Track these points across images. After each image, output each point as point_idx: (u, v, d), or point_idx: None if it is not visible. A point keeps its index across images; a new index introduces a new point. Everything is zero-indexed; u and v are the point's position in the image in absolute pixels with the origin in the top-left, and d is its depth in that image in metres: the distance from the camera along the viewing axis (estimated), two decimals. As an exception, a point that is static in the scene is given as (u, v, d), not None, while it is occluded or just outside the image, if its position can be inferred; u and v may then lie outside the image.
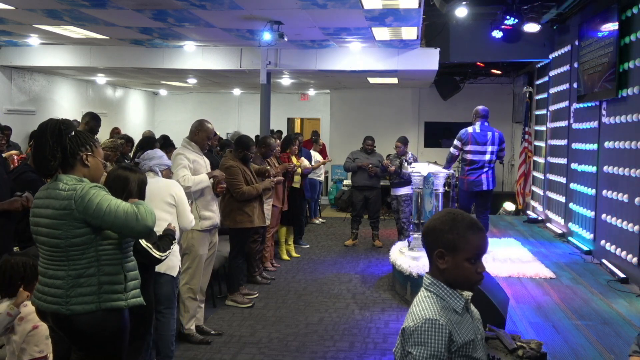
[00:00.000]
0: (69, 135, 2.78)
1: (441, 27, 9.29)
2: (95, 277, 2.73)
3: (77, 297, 2.71)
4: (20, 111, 11.13)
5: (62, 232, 2.70)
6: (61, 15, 7.39)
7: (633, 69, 5.93)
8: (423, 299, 1.88)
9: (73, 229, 2.69)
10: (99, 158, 2.90)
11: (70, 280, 2.71)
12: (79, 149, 2.80)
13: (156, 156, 4.33)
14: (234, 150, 6.10)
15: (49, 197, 2.75)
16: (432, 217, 1.94)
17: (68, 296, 2.71)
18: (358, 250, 8.97)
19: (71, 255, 2.71)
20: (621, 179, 6.14)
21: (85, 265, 2.72)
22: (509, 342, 3.63)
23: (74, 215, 2.68)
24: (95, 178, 2.88)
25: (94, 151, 2.86)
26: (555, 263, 6.60)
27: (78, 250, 2.71)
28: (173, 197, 4.11)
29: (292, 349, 4.88)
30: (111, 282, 2.77)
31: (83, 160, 2.81)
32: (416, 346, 1.77)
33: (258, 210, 6.07)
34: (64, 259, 2.72)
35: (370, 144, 9.23)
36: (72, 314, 2.71)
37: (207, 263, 5.13)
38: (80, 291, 2.71)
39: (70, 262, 2.72)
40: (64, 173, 2.79)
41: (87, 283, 2.72)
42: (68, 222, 2.69)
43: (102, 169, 2.96)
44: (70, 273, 2.71)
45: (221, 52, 10.11)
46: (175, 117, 16.54)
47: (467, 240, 1.84)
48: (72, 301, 2.70)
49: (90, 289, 2.72)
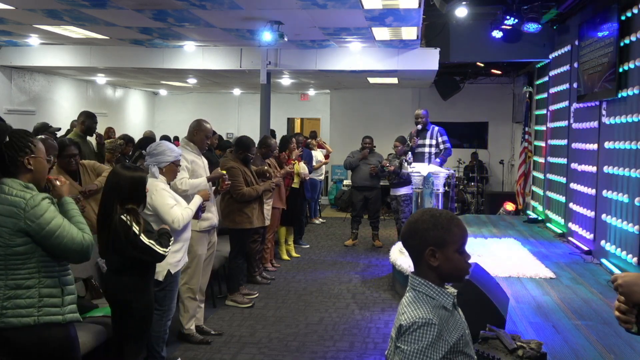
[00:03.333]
0: (3, 142, 2.58)
1: (441, 27, 9.29)
2: (36, 289, 2.57)
3: (14, 309, 2.54)
4: (20, 111, 11.13)
5: (2, 239, 2.54)
6: (61, 15, 7.39)
7: (633, 69, 5.93)
8: (414, 299, 1.91)
9: (15, 237, 2.53)
10: (42, 156, 2.70)
11: (7, 291, 2.54)
12: (18, 154, 2.61)
13: (155, 152, 4.17)
14: (235, 151, 6.10)
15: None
16: (409, 221, 1.98)
17: (4, 307, 2.53)
18: (358, 250, 8.97)
19: (10, 264, 2.55)
20: (621, 179, 6.14)
21: (25, 276, 2.56)
22: (509, 342, 3.63)
23: (19, 225, 2.53)
24: (41, 179, 2.72)
25: (34, 151, 2.65)
26: (555, 263, 6.60)
27: (19, 260, 2.55)
28: (148, 208, 3.97)
29: (292, 349, 4.88)
30: (51, 295, 2.61)
31: (25, 165, 2.62)
32: (407, 342, 1.82)
33: (257, 211, 6.07)
34: (2, 267, 2.55)
35: (369, 143, 9.23)
36: (8, 327, 2.54)
37: (206, 263, 5.12)
38: (17, 303, 2.55)
39: (9, 271, 2.55)
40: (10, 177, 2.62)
41: (26, 295, 2.55)
42: (10, 230, 2.53)
43: (46, 167, 2.77)
44: (7, 283, 2.55)
45: (221, 52, 10.11)
46: (175, 117, 16.55)
47: (452, 232, 1.90)
48: (8, 313, 2.54)
49: (29, 301, 2.56)
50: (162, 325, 4.21)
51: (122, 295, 3.52)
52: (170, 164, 4.19)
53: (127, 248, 3.33)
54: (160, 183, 4.12)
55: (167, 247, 3.49)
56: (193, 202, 4.39)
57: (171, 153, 4.19)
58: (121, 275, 3.51)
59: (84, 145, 6.39)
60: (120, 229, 3.30)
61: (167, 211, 4.07)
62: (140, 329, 3.56)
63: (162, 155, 4.16)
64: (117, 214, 3.33)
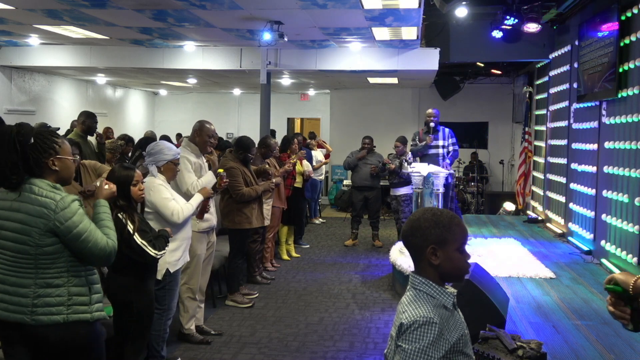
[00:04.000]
0: (28, 145, 2.59)
1: (441, 27, 9.29)
2: (65, 287, 2.61)
3: (44, 307, 2.58)
4: (20, 111, 11.13)
5: (32, 238, 2.56)
6: (61, 15, 7.39)
7: (633, 69, 5.93)
8: (415, 298, 1.92)
9: (45, 237, 2.57)
10: (67, 155, 2.72)
11: (38, 289, 2.58)
12: (42, 156, 2.63)
13: (153, 152, 4.18)
14: (234, 151, 6.10)
15: (19, 200, 2.60)
16: (410, 220, 1.99)
17: (35, 305, 2.57)
18: (358, 250, 8.97)
19: (40, 263, 2.58)
20: (621, 179, 6.14)
21: (54, 275, 2.60)
22: (509, 342, 3.63)
23: (48, 226, 2.56)
24: (67, 178, 2.75)
25: (59, 152, 2.67)
26: (555, 263, 6.60)
27: (49, 260, 2.59)
28: (147, 205, 4.03)
29: (292, 349, 4.88)
30: (79, 294, 2.65)
31: (49, 166, 2.65)
32: (408, 341, 1.83)
33: (257, 211, 6.07)
34: (32, 266, 2.58)
35: (368, 143, 9.23)
36: (38, 324, 2.58)
37: (205, 263, 5.12)
38: (47, 301, 2.58)
39: (39, 270, 2.59)
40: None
41: (56, 293, 2.60)
42: (40, 230, 2.56)
43: (72, 167, 2.78)
44: (37, 282, 2.58)
45: (221, 52, 10.11)
46: (175, 117, 16.55)
47: (453, 231, 1.91)
48: (38, 311, 2.57)
49: (59, 300, 2.60)
50: (162, 324, 4.21)
51: (122, 295, 3.53)
52: (168, 162, 4.19)
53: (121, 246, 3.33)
54: (157, 180, 4.14)
55: (162, 250, 3.48)
56: (194, 199, 4.41)
57: (169, 152, 4.19)
58: (122, 275, 3.51)
59: (84, 145, 6.40)
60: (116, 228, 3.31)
61: (165, 205, 4.09)
62: (140, 328, 3.56)
63: (160, 154, 4.17)
64: (114, 213, 3.34)
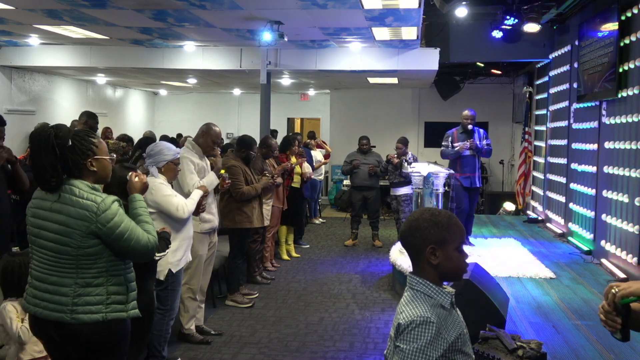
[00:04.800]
0: (66, 147, 2.62)
1: (441, 27, 9.29)
2: (104, 287, 2.66)
3: (84, 306, 2.62)
4: (20, 111, 11.13)
5: (74, 240, 2.59)
6: (61, 15, 7.39)
7: (633, 69, 5.93)
8: (412, 298, 1.93)
9: (87, 239, 2.60)
10: (104, 155, 2.75)
11: (78, 289, 2.62)
12: (81, 157, 2.66)
13: (153, 153, 4.17)
14: (236, 149, 6.10)
15: (60, 202, 2.62)
16: (409, 220, 1.99)
17: (75, 304, 2.61)
18: (358, 250, 8.97)
19: (81, 264, 2.62)
20: (621, 179, 6.14)
21: (95, 275, 2.64)
22: (509, 342, 3.63)
23: (90, 228, 2.59)
24: (105, 177, 2.79)
25: (97, 153, 2.71)
26: (555, 263, 6.60)
27: (90, 260, 2.63)
28: (150, 205, 3.97)
29: (292, 349, 4.88)
30: (117, 293, 2.70)
31: (87, 167, 2.68)
32: (406, 341, 1.84)
33: (257, 210, 6.07)
34: (73, 267, 2.62)
35: (365, 144, 9.24)
36: (78, 323, 2.61)
37: (207, 264, 5.12)
38: (87, 300, 2.62)
39: (80, 270, 2.62)
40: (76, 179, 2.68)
41: (96, 292, 2.64)
42: (82, 232, 2.59)
43: (109, 167, 2.81)
44: (78, 281, 2.62)
45: (221, 52, 10.11)
46: (175, 117, 16.54)
47: (452, 231, 1.93)
48: (78, 310, 2.61)
49: (98, 299, 2.64)
50: (165, 324, 4.22)
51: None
52: (168, 163, 4.18)
53: None
54: (157, 180, 4.14)
55: (161, 252, 3.46)
56: (194, 194, 4.42)
57: (169, 152, 4.18)
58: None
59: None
60: None
61: (168, 201, 4.11)
62: (140, 328, 3.56)
63: (160, 154, 4.17)
64: None
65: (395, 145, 8.81)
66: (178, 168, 4.33)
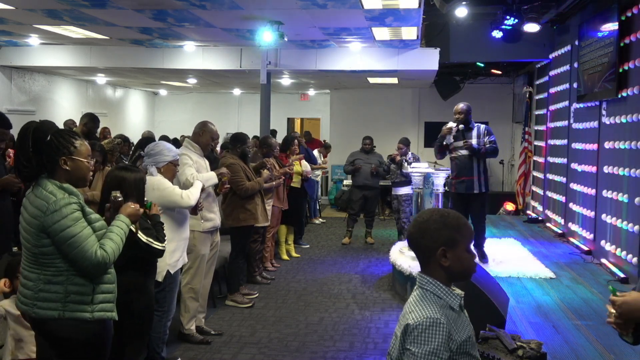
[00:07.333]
0: (44, 141, 2.67)
1: (441, 27, 9.29)
2: (63, 285, 2.68)
3: (42, 301, 2.67)
4: (20, 111, 11.13)
5: (32, 237, 2.66)
6: (61, 15, 7.39)
7: (633, 69, 5.93)
8: (421, 298, 1.90)
9: (40, 238, 2.64)
10: (81, 157, 2.75)
11: (40, 284, 2.68)
12: (56, 154, 2.69)
13: (152, 152, 4.18)
14: (232, 147, 6.13)
15: (27, 200, 2.72)
16: (417, 221, 1.96)
17: (36, 299, 2.68)
18: (358, 250, 8.97)
19: (41, 261, 2.67)
20: (621, 179, 6.14)
21: (54, 273, 2.67)
22: (509, 342, 3.63)
23: (41, 227, 2.63)
24: (79, 179, 2.78)
25: (73, 153, 2.72)
26: (555, 263, 6.60)
27: (47, 259, 2.67)
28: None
29: (292, 349, 4.88)
30: (78, 293, 2.70)
31: (60, 165, 2.70)
32: (416, 344, 1.80)
33: (261, 207, 6.09)
34: (36, 263, 2.69)
35: (369, 144, 9.26)
36: (39, 317, 2.69)
37: (209, 264, 5.11)
38: (45, 296, 2.67)
39: (42, 267, 2.68)
40: (49, 176, 2.71)
41: (54, 290, 2.67)
42: (36, 231, 2.64)
43: (86, 170, 2.80)
44: (41, 277, 2.68)
45: (221, 52, 10.11)
46: (175, 117, 16.54)
47: (462, 232, 1.91)
48: (38, 305, 2.68)
49: (55, 296, 2.67)
50: (162, 326, 4.21)
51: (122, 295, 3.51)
52: (168, 163, 4.19)
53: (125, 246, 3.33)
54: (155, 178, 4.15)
55: (164, 238, 3.49)
56: (196, 185, 4.43)
57: (169, 153, 4.19)
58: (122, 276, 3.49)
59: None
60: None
61: (172, 192, 4.14)
62: (140, 329, 3.56)
63: (160, 155, 4.17)
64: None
65: (396, 146, 8.83)
66: (177, 169, 4.35)
